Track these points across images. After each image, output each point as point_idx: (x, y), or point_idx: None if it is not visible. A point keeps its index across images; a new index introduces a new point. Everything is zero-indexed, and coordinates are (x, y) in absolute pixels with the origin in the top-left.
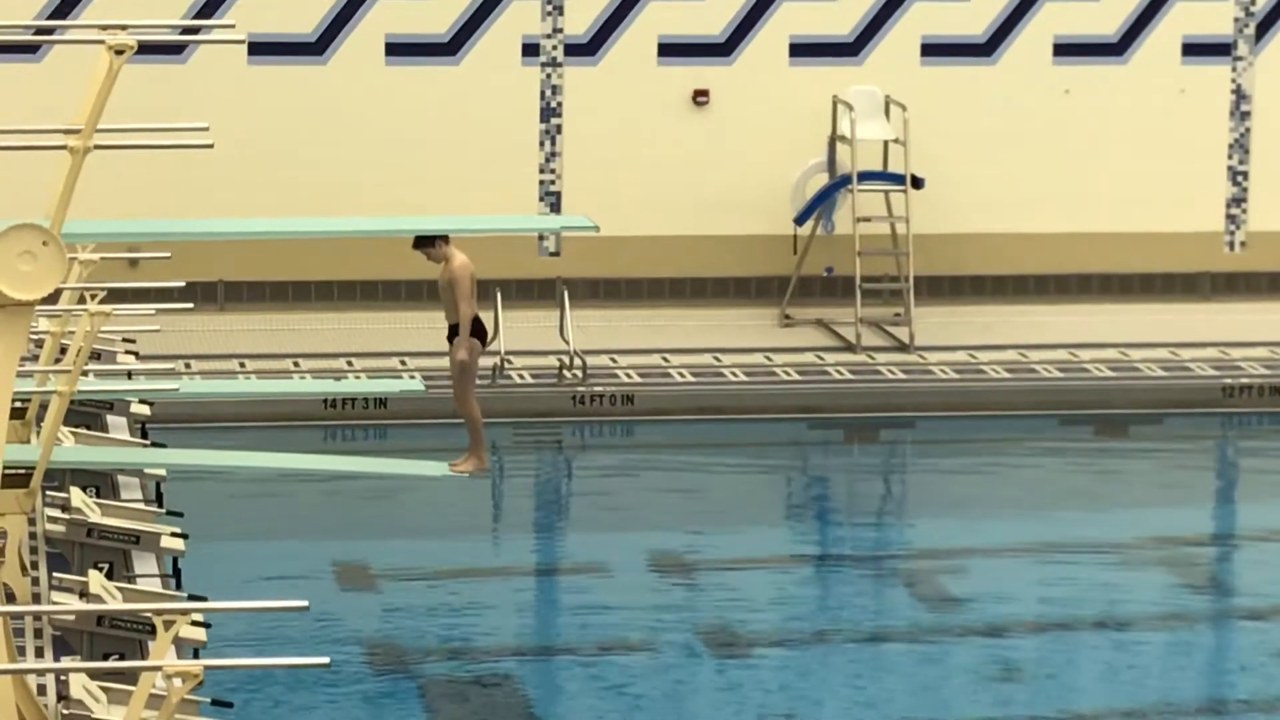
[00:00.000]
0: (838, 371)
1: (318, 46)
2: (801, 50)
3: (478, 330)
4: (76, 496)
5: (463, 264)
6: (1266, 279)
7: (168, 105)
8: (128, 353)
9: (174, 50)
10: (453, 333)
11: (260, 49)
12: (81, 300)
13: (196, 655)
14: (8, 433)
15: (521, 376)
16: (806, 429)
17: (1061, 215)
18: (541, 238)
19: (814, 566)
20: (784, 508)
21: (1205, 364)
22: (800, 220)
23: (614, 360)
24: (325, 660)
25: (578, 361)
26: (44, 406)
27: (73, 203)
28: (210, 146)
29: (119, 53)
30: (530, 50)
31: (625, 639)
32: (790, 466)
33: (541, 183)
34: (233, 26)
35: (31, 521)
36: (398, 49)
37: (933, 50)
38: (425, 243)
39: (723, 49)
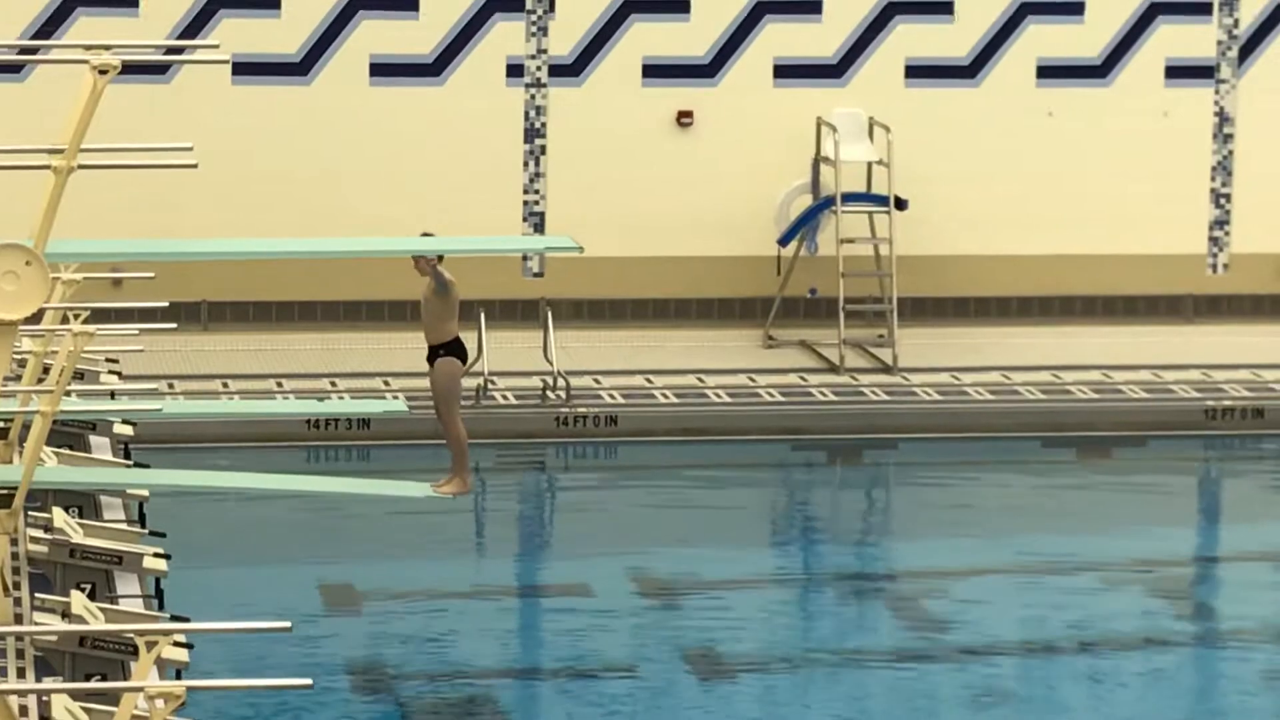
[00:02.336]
0: (821, 393)
1: (302, 67)
2: (786, 72)
3: (459, 350)
4: (59, 517)
5: (452, 281)
6: (1249, 301)
7: (152, 125)
8: (111, 373)
9: (158, 70)
10: (432, 354)
11: (244, 69)
12: (65, 320)
13: (179, 676)
14: None
15: (505, 397)
16: (790, 450)
17: (1045, 237)
18: (525, 258)
19: (797, 587)
20: (767, 529)
21: (1188, 386)
22: (784, 241)
23: (597, 381)
24: (308, 681)
25: (561, 382)
26: (27, 426)
27: (56, 222)
28: (194, 166)
29: (103, 73)
30: (514, 71)
31: (609, 660)
32: (774, 488)
33: (525, 203)
34: (217, 47)
35: (14, 542)
36: (382, 69)
37: (917, 72)
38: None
39: (707, 70)
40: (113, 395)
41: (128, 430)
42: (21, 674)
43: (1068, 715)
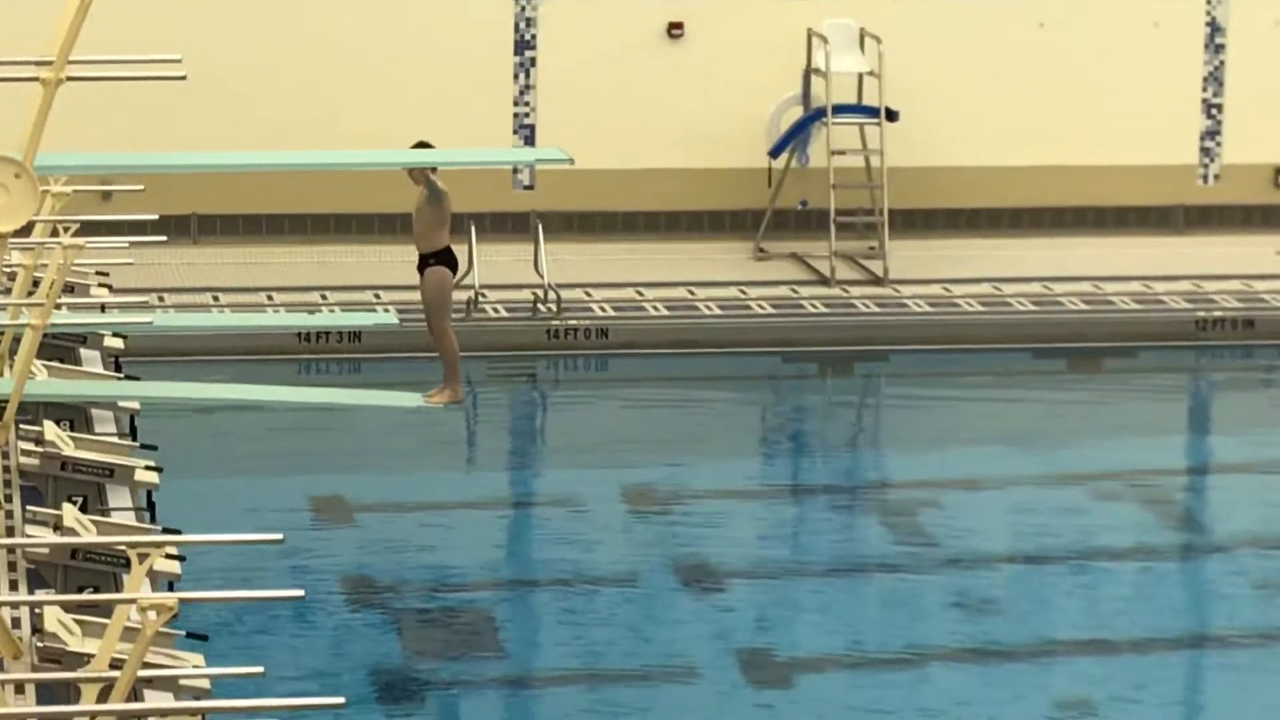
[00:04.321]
0: (812, 305)
1: None
2: None
3: (449, 259)
4: (50, 430)
5: (446, 190)
6: (1240, 212)
7: (140, 37)
8: (101, 286)
9: None
10: (423, 263)
11: None
12: (54, 233)
13: (171, 588)
14: None
15: (495, 310)
16: (781, 362)
17: (1035, 148)
18: (516, 171)
19: (788, 499)
20: (758, 441)
21: (1178, 297)
22: (775, 153)
23: (588, 294)
24: (300, 593)
25: (552, 295)
26: (17, 340)
27: (45, 135)
28: (183, 78)
29: None
30: None
31: (600, 572)
32: (765, 400)
33: (516, 115)
34: None
35: (4, 455)
36: None
37: None
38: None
39: None
40: (103, 308)
41: (118, 343)
42: (13, 586)
43: (1058, 625)
